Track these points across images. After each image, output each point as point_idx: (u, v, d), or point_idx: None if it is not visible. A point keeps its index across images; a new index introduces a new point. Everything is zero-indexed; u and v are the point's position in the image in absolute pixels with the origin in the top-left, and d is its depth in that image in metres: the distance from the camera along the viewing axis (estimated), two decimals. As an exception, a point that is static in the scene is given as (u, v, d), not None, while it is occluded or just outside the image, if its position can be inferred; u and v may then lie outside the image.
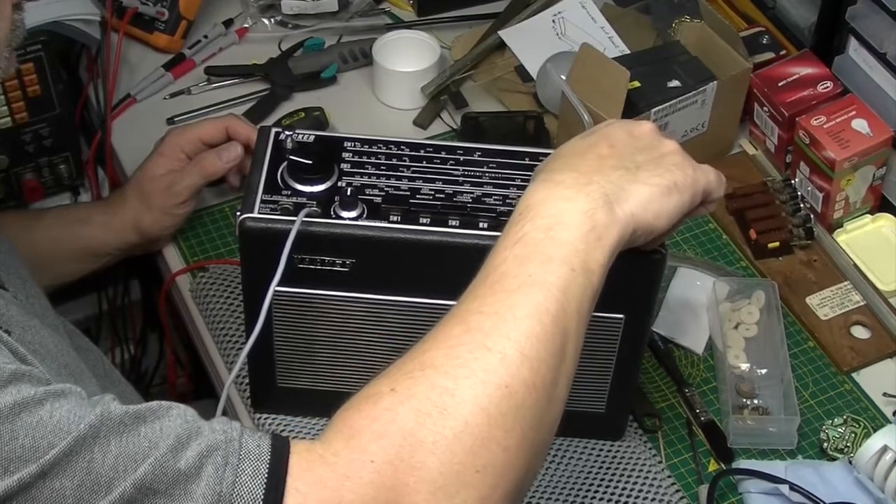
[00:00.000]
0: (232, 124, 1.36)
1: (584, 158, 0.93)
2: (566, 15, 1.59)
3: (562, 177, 0.91)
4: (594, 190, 0.90)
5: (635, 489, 1.18)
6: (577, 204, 0.89)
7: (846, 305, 1.35)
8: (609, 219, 0.89)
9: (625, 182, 0.91)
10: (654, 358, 1.30)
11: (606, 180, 0.91)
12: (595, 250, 0.88)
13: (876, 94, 1.41)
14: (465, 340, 0.83)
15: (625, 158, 0.93)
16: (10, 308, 0.96)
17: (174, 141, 1.35)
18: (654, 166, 0.94)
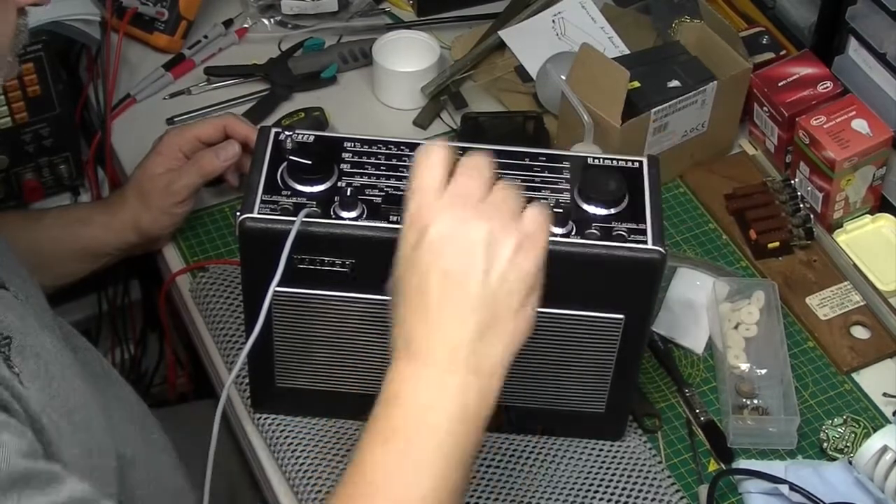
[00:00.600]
0: (230, 123, 1.36)
1: (429, 311, 0.88)
2: (566, 15, 1.59)
3: (418, 347, 0.88)
4: (458, 367, 0.88)
5: (635, 489, 1.18)
6: (446, 392, 0.87)
7: (846, 305, 1.35)
8: (480, 395, 0.88)
9: (483, 346, 0.88)
10: (654, 358, 1.30)
11: (467, 351, 0.88)
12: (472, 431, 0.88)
13: (876, 94, 1.41)
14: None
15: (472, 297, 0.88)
16: (8, 313, 0.96)
17: (172, 140, 1.35)
18: (506, 296, 0.89)
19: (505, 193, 0.91)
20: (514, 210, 0.90)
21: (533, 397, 1.18)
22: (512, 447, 1.22)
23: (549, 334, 1.11)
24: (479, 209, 0.89)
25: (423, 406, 0.87)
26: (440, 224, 0.88)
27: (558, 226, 1.06)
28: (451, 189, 0.90)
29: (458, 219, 0.88)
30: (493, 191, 0.91)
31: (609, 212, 1.08)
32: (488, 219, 0.88)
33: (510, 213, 0.90)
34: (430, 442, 0.87)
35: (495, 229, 0.88)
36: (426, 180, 0.90)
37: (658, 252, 1.05)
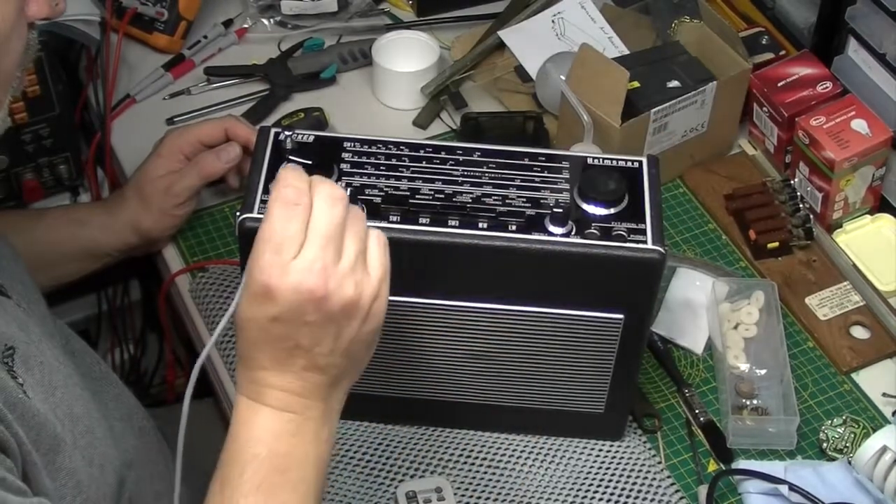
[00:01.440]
0: (231, 125, 1.37)
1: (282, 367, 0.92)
2: (566, 15, 1.59)
3: (272, 396, 0.92)
4: (313, 413, 0.93)
5: (635, 489, 1.19)
6: (302, 440, 0.92)
7: (845, 305, 1.35)
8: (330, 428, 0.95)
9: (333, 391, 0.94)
10: (653, 358, 1.30)
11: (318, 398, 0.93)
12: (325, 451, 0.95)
13: (875, 94, 1.41)
14: None
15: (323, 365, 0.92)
16: (12, 322, 0.96)
17: (173, 142, 1.35)
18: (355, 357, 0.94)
19: (356, 237, 0.90)
20: (364, 257, 0.91)
21: (533, 397, 1.18)
22: (512, 447, 1.22)
23: (549, 334, 1.12)
24: (332, 282, 0.89)
25: (284, 453, 0.92)
26: (291, 300, 0.88)
27: (558, 226, 1.06)
28: (306, 254, 0.88)
29: (311, 298, 0.88)
30: (346, 241, 0.90)
31: (609, 212, 1.08)
32: (342, 294, 0.89)
33: (361, 266, 0.91)
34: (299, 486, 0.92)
35: (348, 305, 0.90)
36: (284, 231, 0.88)
37: (658, 252, 1.05)
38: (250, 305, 0.90)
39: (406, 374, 1.16)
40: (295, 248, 0.88)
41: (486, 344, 1.13)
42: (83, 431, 0.99)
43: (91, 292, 1.65)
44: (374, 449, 1.21)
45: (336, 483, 1.17)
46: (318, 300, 0.88)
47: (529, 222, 1.07)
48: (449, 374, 1.16)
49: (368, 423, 1.22)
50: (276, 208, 0.89)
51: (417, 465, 1.20)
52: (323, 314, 0.89)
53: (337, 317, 0.90)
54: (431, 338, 1.13)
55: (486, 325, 1.11)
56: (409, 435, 1.22)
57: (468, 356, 1.14)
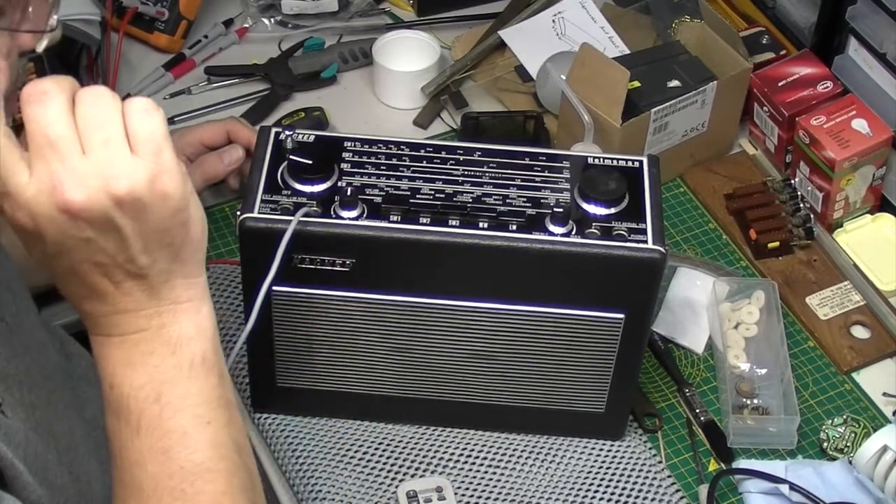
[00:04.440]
0: (233, 127, 1.37)
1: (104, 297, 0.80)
2: (566, 15, 1.59)
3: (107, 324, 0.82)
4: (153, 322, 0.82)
5: (635, 489, 1.19)
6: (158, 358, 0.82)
7: (846, 305, 1.35)
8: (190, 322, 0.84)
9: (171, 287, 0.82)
10: (654, 358, 1.30)
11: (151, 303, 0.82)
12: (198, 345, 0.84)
13: (876, 94, 1.41)
14: None
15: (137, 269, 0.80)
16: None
17: (175, 144, 1.34)
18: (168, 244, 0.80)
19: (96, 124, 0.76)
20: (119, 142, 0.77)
21: (533, 397, 1.18)
22: (512, 447, 1.22)
23: (549, 334, 1.12)
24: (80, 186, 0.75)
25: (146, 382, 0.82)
26: (51, 229, 0.76)
27: (559, 225, 1.06)
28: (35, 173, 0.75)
29: (67, 216, 0.75)
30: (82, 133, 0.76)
31: (609, 211, 1.08)
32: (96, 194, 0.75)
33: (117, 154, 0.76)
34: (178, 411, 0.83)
35: (116, 202, 0.76)
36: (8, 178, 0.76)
37: (658, 251, 1.06)
38: (29, 250, 0.79)
39: (406, 374, 1.16)
40: (22, 175, 0.76)
41: (486, 344, 1.13)
42: (65, 448, 0.96)
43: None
44: (374, 449, 1.21)
45: (336, 483, 1.17)
46: (75, 214, 0.75)
47: (530, 222, 1.07)
48: (449, 374, 1.16)
49: (368, 423, 1.22)
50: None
51: (418, 464, 1.20)
52: (94, 224, 0.76)
53: (112, 219, 0.76)
54: (431, 338, 1.13)
55: (487, 324, 1.11)
56: (409, 435, 1.22)
57: (468, 356, 1.14)
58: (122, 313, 0.81)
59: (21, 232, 0.77)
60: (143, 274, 0.80)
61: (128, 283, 0.80)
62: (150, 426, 0.82)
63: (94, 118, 0.76)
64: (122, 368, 0.82)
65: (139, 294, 0.81)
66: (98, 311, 0.82)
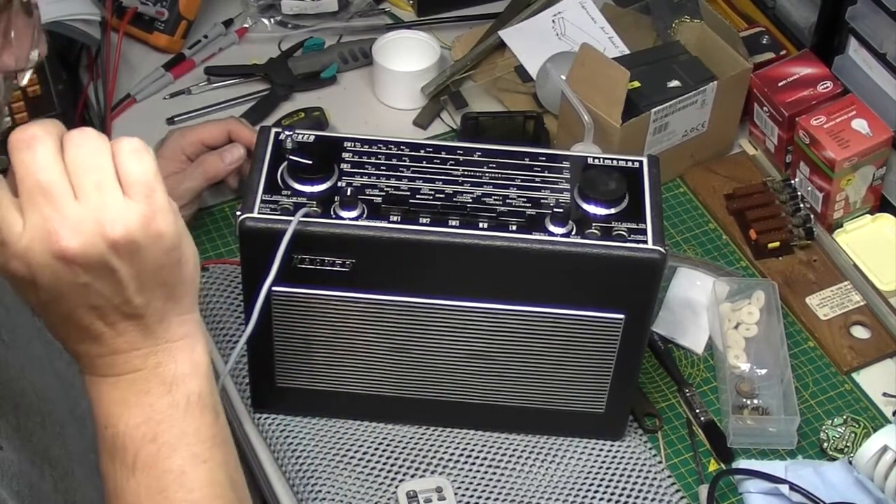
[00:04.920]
0: (234, 127, 1.36)
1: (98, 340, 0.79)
2: (566, 15, 1.59)
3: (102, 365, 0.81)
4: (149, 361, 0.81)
5: (635, 489, 1.18)
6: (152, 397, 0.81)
7: (846, 305, 1.35)
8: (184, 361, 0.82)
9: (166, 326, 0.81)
10: (654, 358, 1.30)
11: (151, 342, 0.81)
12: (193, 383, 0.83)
13: (876, 94, 1.41)
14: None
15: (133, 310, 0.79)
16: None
17: (175, 143, 1.35)
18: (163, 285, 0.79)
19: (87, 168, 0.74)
20: (110, 183, 0.75)
21: (533, 397, 1.18)
22: (512, 447, 1.22)
23: (549, 334, 1.12)
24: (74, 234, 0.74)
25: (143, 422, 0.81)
26: (46, 276, 0.75)
27: (559, 226, 1.06)
28: (28, 222, 0.74)
29: (63, 263, 0.74)
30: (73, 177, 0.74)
31: (609, 211, 1.08)
32: (92, 241, 0.74)
33: (110, 197, 0.75)
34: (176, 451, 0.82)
35: (110, 248, 0.75)
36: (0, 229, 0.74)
37: (658, 252, 1.06)
38: (23, 297, 0.78)
39: (406, 374, 1.16)
40: (16, 227, 0.74)
41: (486, 344, 1.13)
42: (62, 475, 0.95)
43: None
44: (374, 449, 1.21)
45: (336, 483, 1.17)
46: (70, 260, 0.74)
47: (530, 222, 1.07)
48: (449, 374, 1.16)
49: (368, 423, 1.22)
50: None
51: (418, 464, 1.20)
52: (90, 271, 0.75)
53: (108, 264, 0.75)
54: (431, 338, 1.13)
55: (487, 324, 1.11)
56: (409, 435, 1.22)
57: (468, 356, 1.14)
58: (118, 353, 0.80)
59: (14, 280, 0.76)
60: (139, 314, 0.79)
61: (123, 323, 0.79)
62: (146, 466, 0.81)
63: (84, 161, 0.75)
64: (118, 408, 0.81)
65: (134, 334, 0.80)
66: (93, 352, 0.80)
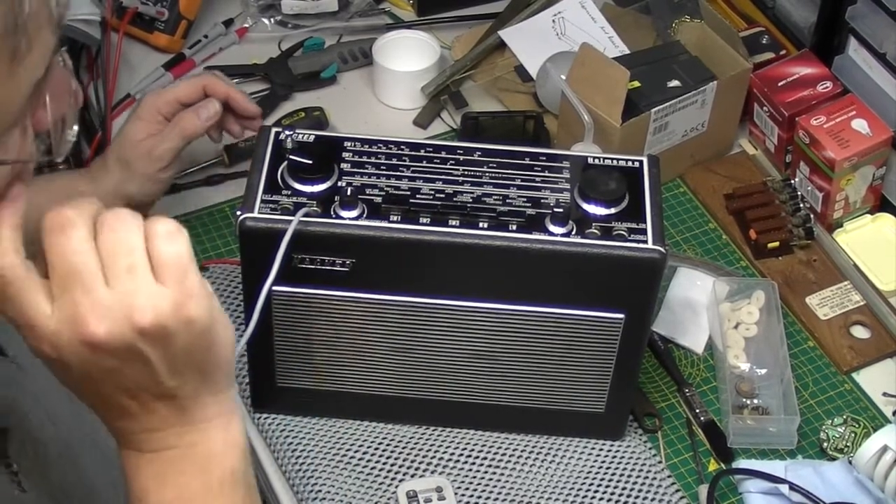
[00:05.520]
0: (209, 82, 1.33)
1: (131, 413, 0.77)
2: (566, 15, 1.59)
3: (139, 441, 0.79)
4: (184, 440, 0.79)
5: (635, 489, 1.18)
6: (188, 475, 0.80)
7: (846, 305, 1.35)
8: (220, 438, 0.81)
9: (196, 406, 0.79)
10: (654, 357, 1.30)
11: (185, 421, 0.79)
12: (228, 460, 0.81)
13: (876, 94, 1.41)
14: None
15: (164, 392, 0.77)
16: (8, 393, 0.90)
17: (151, 104, 1.31)
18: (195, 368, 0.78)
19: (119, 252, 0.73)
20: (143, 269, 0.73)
21: (533, 397, 1.18)
22: (512, 447, 1.22)
23: (550, 334, 1.12)
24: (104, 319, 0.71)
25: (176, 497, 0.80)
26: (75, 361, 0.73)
27: (559, 225, 1.06)
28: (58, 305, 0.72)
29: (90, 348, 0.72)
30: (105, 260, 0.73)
31: (609, 211, 1.08)
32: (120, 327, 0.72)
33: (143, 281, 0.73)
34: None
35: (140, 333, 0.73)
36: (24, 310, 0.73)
37: (658, 252, 1.06)
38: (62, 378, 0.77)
39: (406, 374, 1.16)
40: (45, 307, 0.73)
41: (486, 343, 1.13)
42: (82, 501, 0.94)
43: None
44: (374, 449, 1.21)
45: (336, 483, 1.17)
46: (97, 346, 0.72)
47: (530, 222, 1.07)
48: (449, 374, 1.16)
49: (368, 423, 1.22)
50: None
51: (418, 464, 1.20)
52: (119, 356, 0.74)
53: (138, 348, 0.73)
54: (431, 338, 1.13)
55: (487, 324, 1.11)
56: (409, 435, 1.22)
57: (468, 356, 1.14)
58: (153, 431, 0.79)
59: (45, 360, 0.75)
60: (172, 395, 0.77)
61: (156, 403, 0.77)
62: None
63: (116, 246, 0.73)
64: (153, 483, 0.80)
65: (168, 413, 0.78)
66: (129, 428, 0.79)
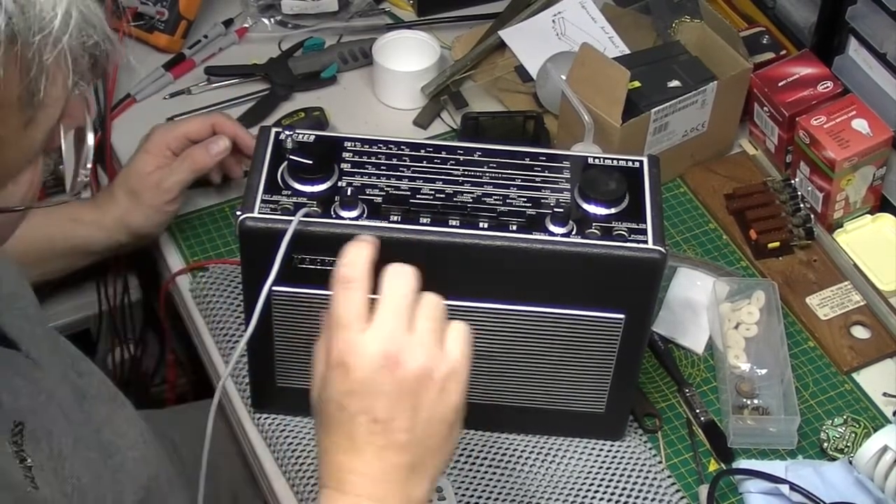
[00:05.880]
0: (218, 121, 1.37)
1: (358, 452, 0.88)
2: (566, 15, 1.59)
3: (352, 483, 0.89)
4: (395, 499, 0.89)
5: (635, 489, 1.18)
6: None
7: (846, 305, 1.35)
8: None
9: (411, 484, 0.89)
10: (654, 358, 1.30)
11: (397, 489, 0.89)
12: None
13: (876, 94, 1.41)
14: None
15: (400, 443, 0.89)
16: (22, 388, 0.91)
17: (161, 138, 1.35)
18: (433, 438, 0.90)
19: (430, 315, 0.90)
20: (439, 335, 0.90)
21: (533, 397, 1.18)
22: (512, 447, 1.22)
23: (549, 334, 1.12)
24: (404, 349, 0.88)
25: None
26: (365, 369, 0.88)
27: (559, 225, 1.06)
28: (377, 325, 0.88)
29: (384, 364, 0.87)
30: (418, 315, 0.89)
31: (609, 211, 1.08)
32: (414, 361, 0.88)
33: (435, 341, 0.89)
34: None
35: (422, 374, 0.88)
36: (347, 310, 0.89)
37: (658, 252, 1.05)
38: (327, 384, 0.89)
39: (406, 374, 1.16)
40: (363, 322, 0.89)
41: (486, 344, 1.13)
42: (93, 500, 0.95)
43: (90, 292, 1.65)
44: (374, 449, 1.20)
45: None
46: (392, 366, 0.87)
47: (530, 222, 1.07)
48: (449, 374, 1.16)
49: (369, 423, 1.22)
50: (336, 290, 0.90)
51: (418, 464, 1.20)
52: (397, 383, 0.88)
53: (412, 386, 0.88)
54: (432, 337, 1.13)
55: (487, 324, 1.11)
56: (409, 435, 1.22)
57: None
58: (368, 477, 0.88)
59: (329, 361, 0.89)
60: (406, 450, 0.88)
61: (389, 451, 0.88)
62: None
63: (429, 312, 0.90)
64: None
65: (391, 466, 0.88)
66: (348, 465, 0.88)
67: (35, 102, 0.70)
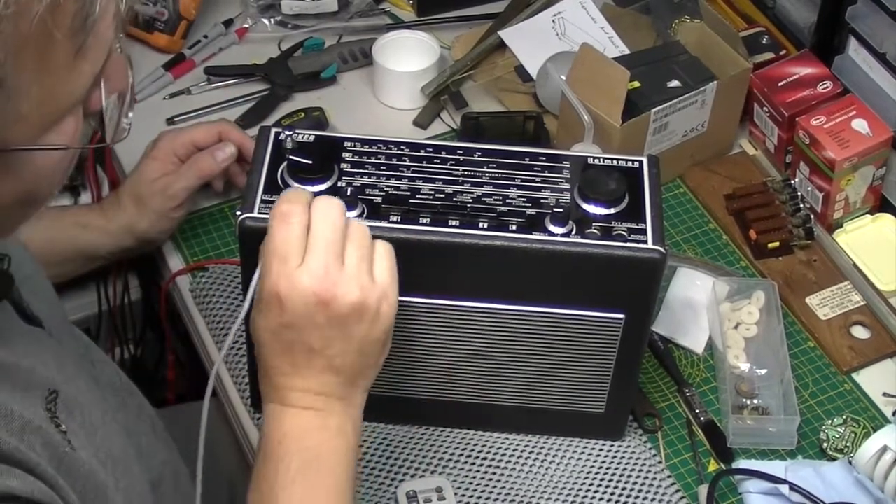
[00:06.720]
0: (225, 129, 1.38)
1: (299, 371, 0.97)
2: (566, 15, 1.59)
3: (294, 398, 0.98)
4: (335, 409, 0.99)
5: (635, 489, 1.19)
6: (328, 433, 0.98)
7: (846, 305, 1.35)
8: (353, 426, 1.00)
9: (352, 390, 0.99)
10: (654, 358, 1.30)
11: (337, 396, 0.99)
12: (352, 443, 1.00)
13: (876, 94, 1.41)
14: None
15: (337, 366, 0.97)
16: (50, 360, 0.92)
17: (167, 145, 1.35)
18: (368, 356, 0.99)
19: (358, 244, 0.96)
20: (368, 264, 0.97)
21: (533, 397, 1.18)
22: (512, 447, 1.22)
23: (549, 334, 1.12)
24: (337, 284, 0.94)
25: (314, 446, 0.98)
26: (300, 306, 0.94)
27: (559, 225, 1.06)
28: (310, 260, 0.94)
29: (318, 301, 0.94)
30: (348, 246, 0.96)
31: (609, 211, 1.08)
32: (348, 295, 0.94)
33: (366, 271, 0.96)
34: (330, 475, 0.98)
35: (355, 307, 0.95)
36: (285, 243, 0.95)
37: (658, 252, 1.05)
38: (264, 316, 0.96)
39: (407, 374, 1.16)
40: (298, 257, 0.94)
41: (486, 344, 1.13)
42: (123, 472, 0.95)
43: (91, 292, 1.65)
44: (374, 449, 1.21)
45: None
46: (325, 303, 0.94)
47: (530, 222, 1.07)
48: (449, 374, 1.16)
49: (368, 423, 1.22)
50: (274, 224, 0.96)
51: (418, 464, 1.20)
52: (331, 316, 0.94)
53: (345, 318, 0.95)
54: (432, 337, 1.13)
55: (487, 324, 1.11)
56: (409, 435, 1.22)
57: (469, 356, 1.14)
58: (309, 392, 0.97)
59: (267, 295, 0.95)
60: (342, 371, 0.97)
61: (327, 373, 0.97)
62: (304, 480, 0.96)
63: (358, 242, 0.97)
64: (296, 430, 0.98)
65: (330, 384, 0.98)
66: (289, 384, 0.98)
67: (88, 25, 0.71)
